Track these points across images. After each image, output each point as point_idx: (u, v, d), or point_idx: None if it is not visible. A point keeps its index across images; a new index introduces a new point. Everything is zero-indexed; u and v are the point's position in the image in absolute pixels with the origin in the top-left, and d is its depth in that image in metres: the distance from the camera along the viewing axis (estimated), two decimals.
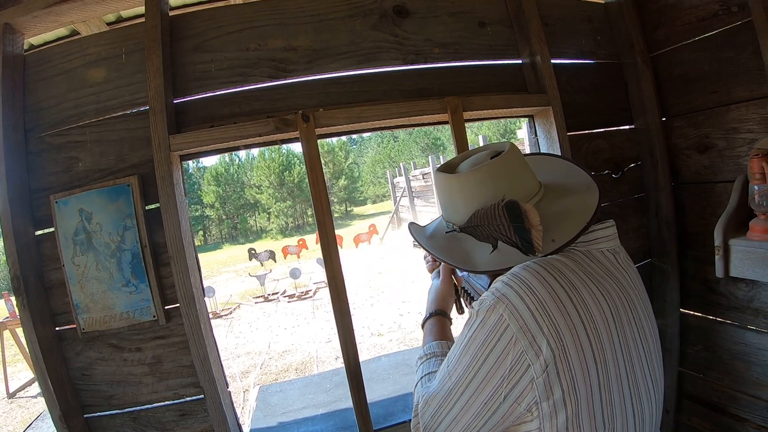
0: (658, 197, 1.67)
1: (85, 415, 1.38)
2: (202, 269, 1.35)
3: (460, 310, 0.98)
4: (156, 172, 1.24)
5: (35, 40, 1.57)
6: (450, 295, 0.94)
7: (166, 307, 1.29)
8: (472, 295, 0.89)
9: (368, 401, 1.32)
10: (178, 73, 1.32)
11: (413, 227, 0.87)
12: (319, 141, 1.27)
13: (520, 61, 1.53)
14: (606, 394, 0.59)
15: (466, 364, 0.61)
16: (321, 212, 1.25)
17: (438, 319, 0.89)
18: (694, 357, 1.72)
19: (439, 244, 0.78)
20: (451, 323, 0.91)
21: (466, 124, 1.35)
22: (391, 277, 9.09)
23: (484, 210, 0.66)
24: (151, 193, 1.28)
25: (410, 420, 1.33)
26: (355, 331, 1.28)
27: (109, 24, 1.59)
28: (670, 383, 1.75)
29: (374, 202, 36.65)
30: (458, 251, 0.73)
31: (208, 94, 1.32)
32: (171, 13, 1.37)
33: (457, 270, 0.97)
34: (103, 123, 1.34)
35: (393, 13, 1.40)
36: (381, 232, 15.63)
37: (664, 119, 1.67)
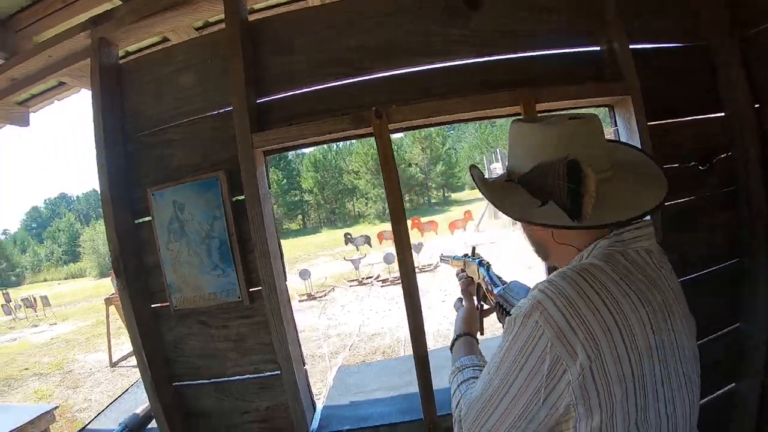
0: (750, 190, 1.64)
1: (174, 384, 1.66)
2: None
3: (482, 331, 1.15)
4: (241, 168, 1.45)
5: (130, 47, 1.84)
6: (475, 319, 1.13)
7: (250, 290, 1.51)
8: (508, 310, 0.94)
9: (436, 387, 1.46)
10: (260, 74, 1.51)
11: (475, 171, 0.89)
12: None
13: (595, 48, 1.56)
14: (641, 399, 0.64)
15: (505, 370, 0.68)
16: (394, 206, 1.39)
17: (466, 339, 1.03)
18: None
19: (496, 194, 0.83)
20: (479, 343, 1.04)
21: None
22: None
23: (546, 163, 0.70)
24: (237, 186, 1.49)
25: None
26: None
27: (197, 29, 1.82)
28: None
29: (472, 188, 38.07)
30: (512, 201, 0.78)
31: (287, 94, 1.51)
32: (251, 18, 1.57)
33: (492, 288, 1.06)
34: (193, 123, 1.57)
35: (463, 5, 1.50)
36: (477, 218, 15.87)
37: (757, 105, 1.64)
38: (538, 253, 0.89)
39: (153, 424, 1.80)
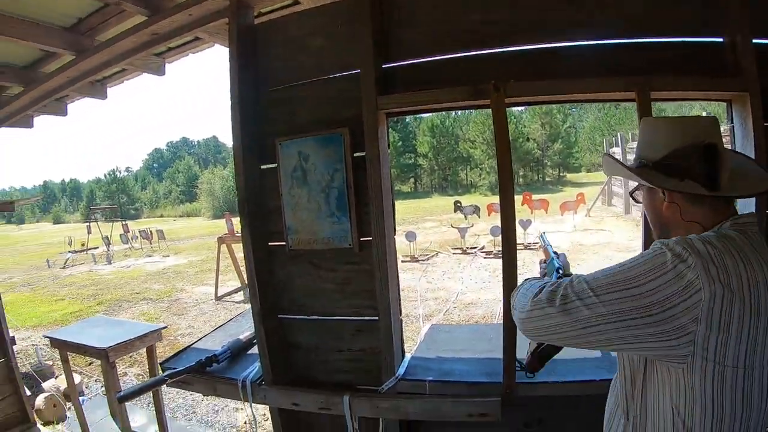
0: None
1: (278, 315, 1.88)
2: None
3: None
4: (364, 127, 1.61)
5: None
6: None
7: (361, 239, 1.69)
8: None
9: (519, 357, 1.57)
10: (387, 41, 1.65)
11: (609, 156, 1.07)
12: None
13: (716, 39, 1.56)
14: (752, 341, 0.75)
15: (646, 269, 0.78)
16: (505, 179, 1.50)
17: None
18: None
19: (635, 172, 0.95)
20: None
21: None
22: (588, 253, 9.26)
23: (684, 147, 0.85)
24: (358, 143, 1.65)
25: (554, 382, 1.55)
26: None
27: None
28: None
29: (588, 171, 37.12)
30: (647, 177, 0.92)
31: (411, 61, 1.64)
32: None
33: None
34: (321, 82, 1.74)
35: None
36: (589, 202, 15.80)
37: None
38: (661, 234, 0.98)
39: (253, 350, 2.06)
